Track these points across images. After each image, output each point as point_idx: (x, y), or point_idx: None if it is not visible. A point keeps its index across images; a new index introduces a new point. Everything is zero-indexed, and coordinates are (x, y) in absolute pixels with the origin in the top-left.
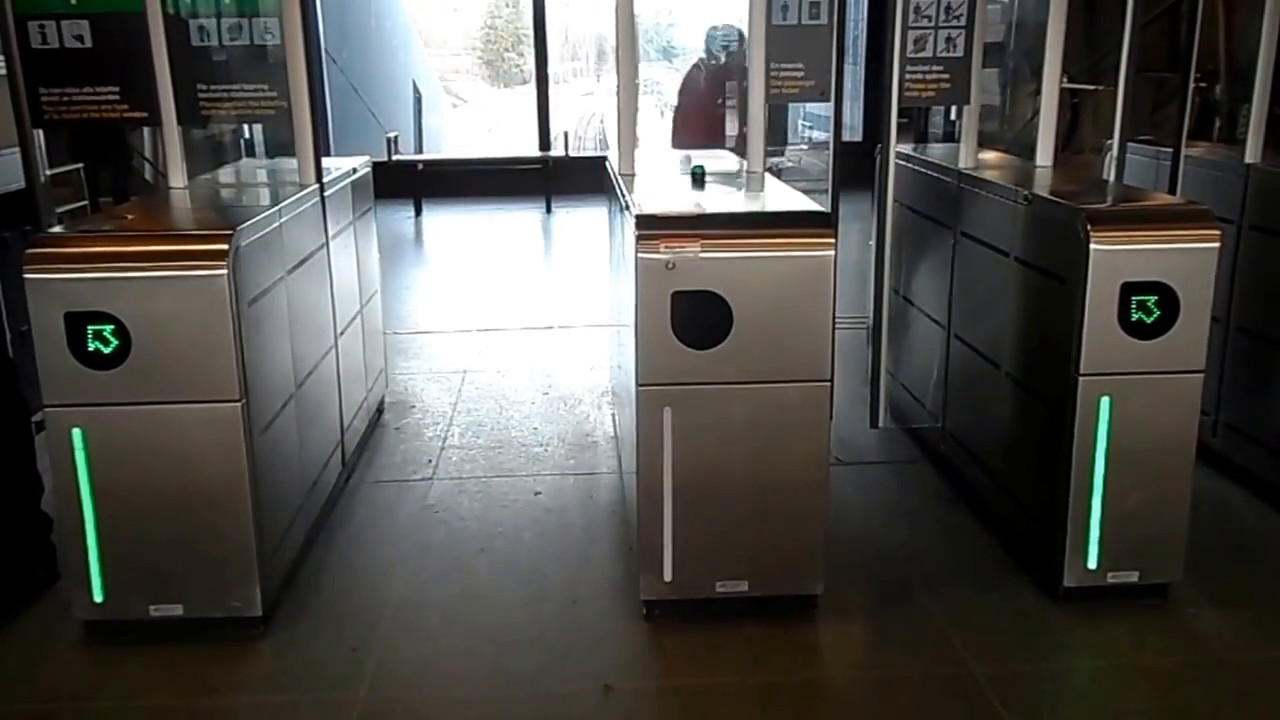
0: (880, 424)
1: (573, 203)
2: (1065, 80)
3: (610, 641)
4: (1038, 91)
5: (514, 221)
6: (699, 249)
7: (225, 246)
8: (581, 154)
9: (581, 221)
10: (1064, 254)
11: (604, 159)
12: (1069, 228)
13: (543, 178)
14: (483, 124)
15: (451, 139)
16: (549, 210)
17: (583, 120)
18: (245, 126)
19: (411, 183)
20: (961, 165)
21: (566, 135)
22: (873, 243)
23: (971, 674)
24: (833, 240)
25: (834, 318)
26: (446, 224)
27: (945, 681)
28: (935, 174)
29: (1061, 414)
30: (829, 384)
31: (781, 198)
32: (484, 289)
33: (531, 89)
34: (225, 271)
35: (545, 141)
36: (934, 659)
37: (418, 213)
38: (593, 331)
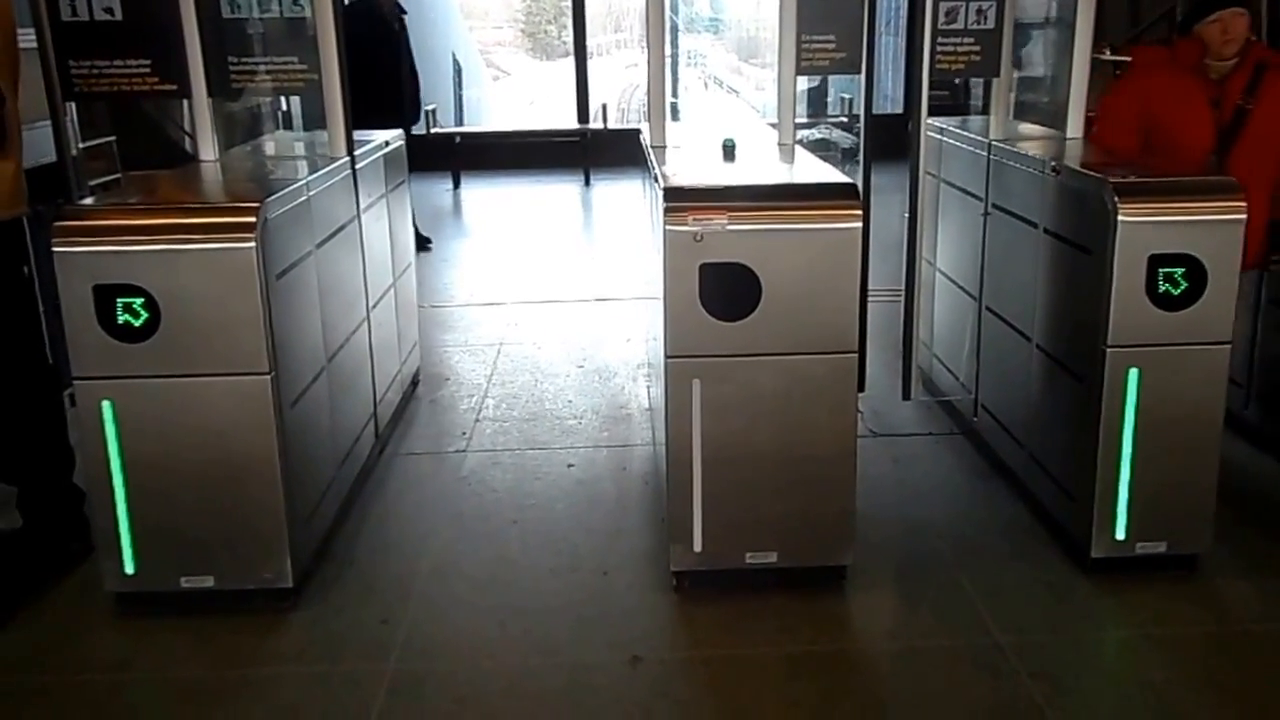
0: (912, 396)
1: (612, 176)
2: (1108, 52)
3: (640, 612)
4: None
5: (552, 194)
6: (727, 221)
7: (253, 219)
8: (624, 126)
9: (620, 195)
10: (1092, 226)
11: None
12: (1097, 199)
13: (581, 150)
14: (524, 96)
15: (493, 111)
16: (588, 183)
17: (626, 92)
18: (283, 99)
19: (450, 155)
20: (991, 137)
21: (605, 108)
22: (907, 214)
23: (998, 644)
24: (860, 212)
25: (867, 289)
26: (484, 197)
27: (972, 651)
28: (967, 146)
29: (1090, 386)
30: (856, 356)
31: (810, 170)
32: (521, 262)
33: (573, 61)
34: (253, 244)
35: (584, 114)
36: (962, 629)
37: (455, 185)
38: (629, 304)
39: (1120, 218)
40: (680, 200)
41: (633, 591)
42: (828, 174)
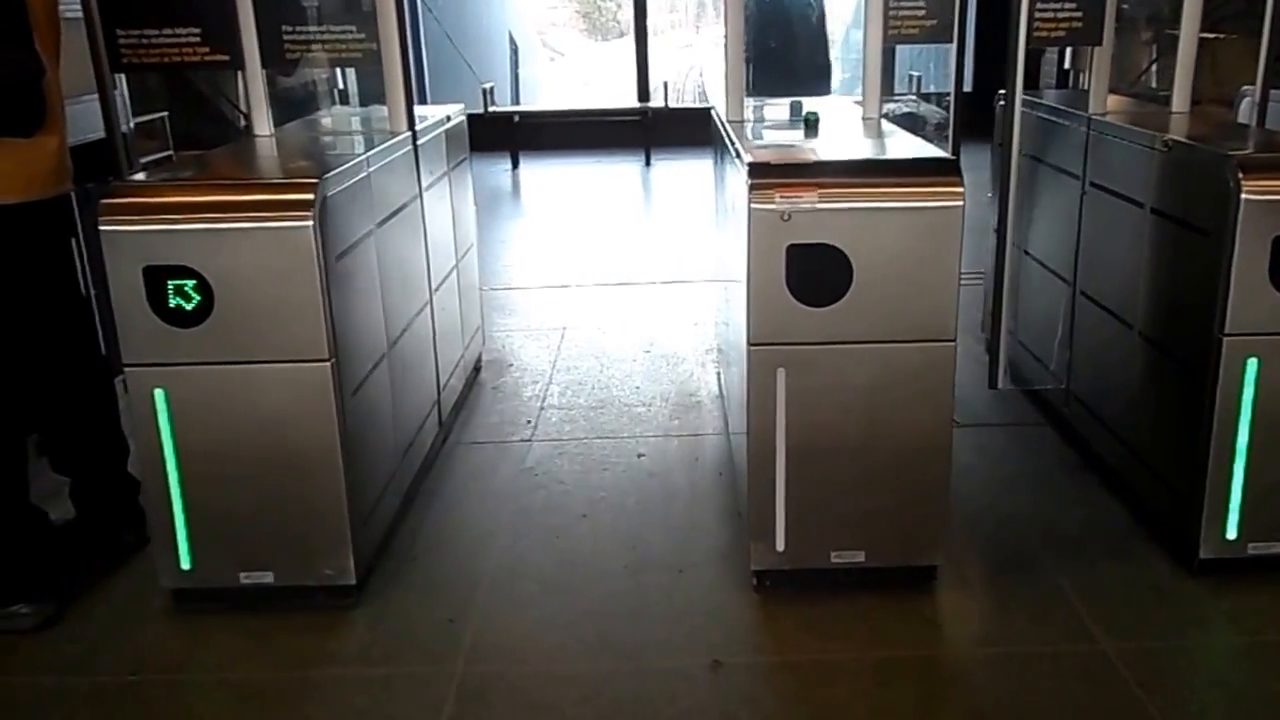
0: (1000, 385)
1: (673, 155)
2: None
3: (719, 613)
4: (1155, 37)
5: (613, 174)
6: (816, 199)
7: (310, 196)
8: (681, 106)
9: (682, 174)
10: (1209, 204)
11: (706, 111)
12: (1217, 176)
13: (642, 130)
14: (580, 77)
15: (548, 92)
16: (648, 163)
17: (681, 73)
18: (339, 74)
19: (508, 135)
20: (1092, 111)
21: (666, 85)
22: (990, 194)
23: (1103, 651)
24: (962, 190)
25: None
26: (544, 177)
27: (1075, 658)
28: (1061, 120)
29: (1202, 376)
30: (954, 344)
31: (904, 144)
32: (583, 243)
33: (629, 41)
34: (311, 223)
35: (645, 93)
36: (1062, 634)
37: (514, 165)
38: (695, 287)
39: (1244, 196)
40: (766, 176)
41: (711, 591)
42: (924, 149)
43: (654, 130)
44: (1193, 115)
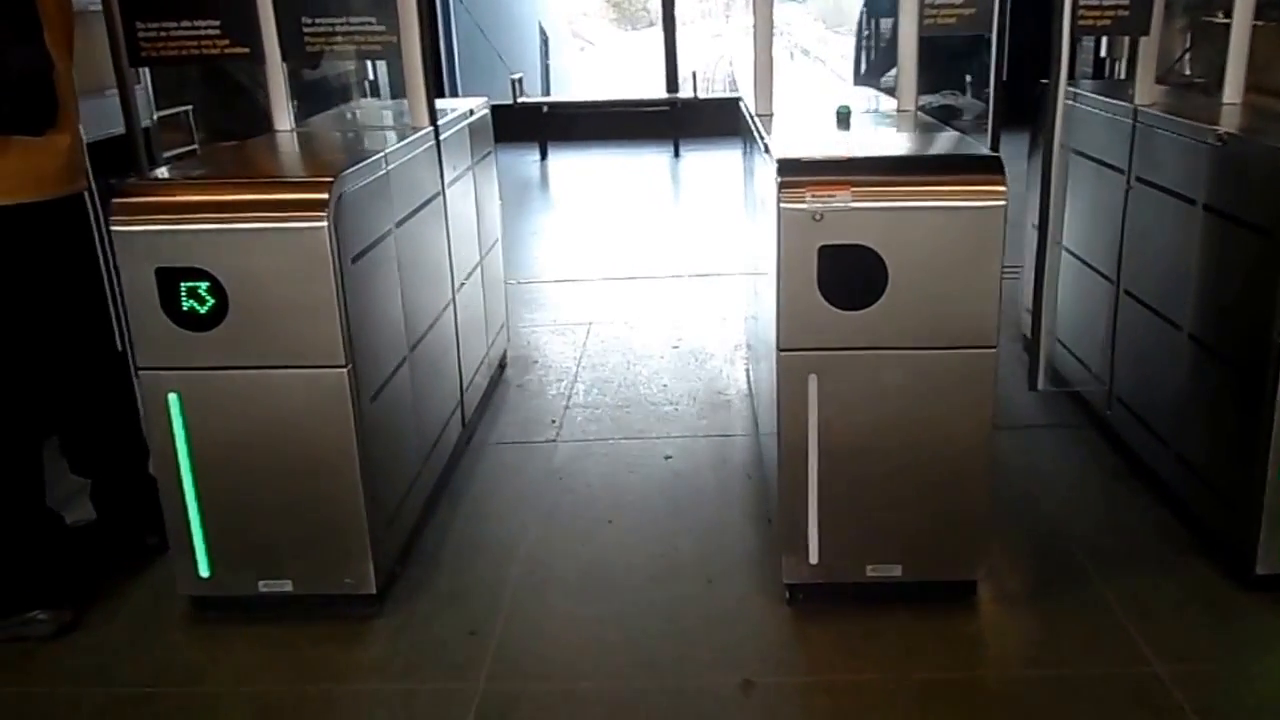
0: (1040, 386)
1: (702, 146)
2: (1220, 15)
3: (750, 629)
4: (1188, 25)
5: (642, 165)
6: (850, 197)
7: (325, 195)
8: (711, 96)
9: (711, 165)
10: (1268, 201)
11: (735, 100)
12: (1276, 171)
13: (671, 120)
14: (610, 67)
15: (578, 82)
16: (677, 154)
17: (711, 63)
18: (369, 65)
19: (537, 125)
20: (1138, 102)
21: (695, 75)
22: (1027, 188)
23: (1156, 674)
24: (1004, 188)
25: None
26: (572, 168)
27: (1127, 682)
28: (1104, 112)
29: (1259, 382)
30: (995, 351)
31: (942, 140)
32: (611, 235)
33: (659, 31)
34: (325, 223)
35: (674, 83)
36: (1112, 655)
37: (543, 156)
38: (725, 281)
39: None
40: (797, 173)
41: (741, 604)
42: (963, 144)
43: (683, 121)
44: (1243, 106)
